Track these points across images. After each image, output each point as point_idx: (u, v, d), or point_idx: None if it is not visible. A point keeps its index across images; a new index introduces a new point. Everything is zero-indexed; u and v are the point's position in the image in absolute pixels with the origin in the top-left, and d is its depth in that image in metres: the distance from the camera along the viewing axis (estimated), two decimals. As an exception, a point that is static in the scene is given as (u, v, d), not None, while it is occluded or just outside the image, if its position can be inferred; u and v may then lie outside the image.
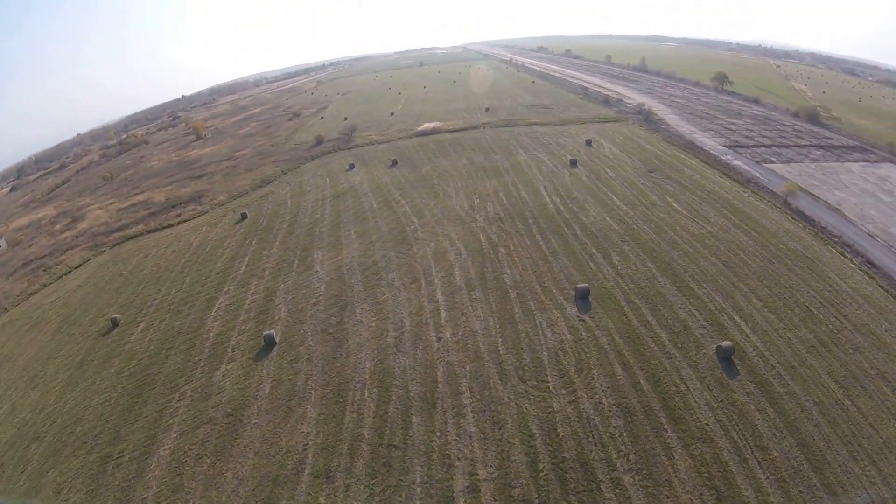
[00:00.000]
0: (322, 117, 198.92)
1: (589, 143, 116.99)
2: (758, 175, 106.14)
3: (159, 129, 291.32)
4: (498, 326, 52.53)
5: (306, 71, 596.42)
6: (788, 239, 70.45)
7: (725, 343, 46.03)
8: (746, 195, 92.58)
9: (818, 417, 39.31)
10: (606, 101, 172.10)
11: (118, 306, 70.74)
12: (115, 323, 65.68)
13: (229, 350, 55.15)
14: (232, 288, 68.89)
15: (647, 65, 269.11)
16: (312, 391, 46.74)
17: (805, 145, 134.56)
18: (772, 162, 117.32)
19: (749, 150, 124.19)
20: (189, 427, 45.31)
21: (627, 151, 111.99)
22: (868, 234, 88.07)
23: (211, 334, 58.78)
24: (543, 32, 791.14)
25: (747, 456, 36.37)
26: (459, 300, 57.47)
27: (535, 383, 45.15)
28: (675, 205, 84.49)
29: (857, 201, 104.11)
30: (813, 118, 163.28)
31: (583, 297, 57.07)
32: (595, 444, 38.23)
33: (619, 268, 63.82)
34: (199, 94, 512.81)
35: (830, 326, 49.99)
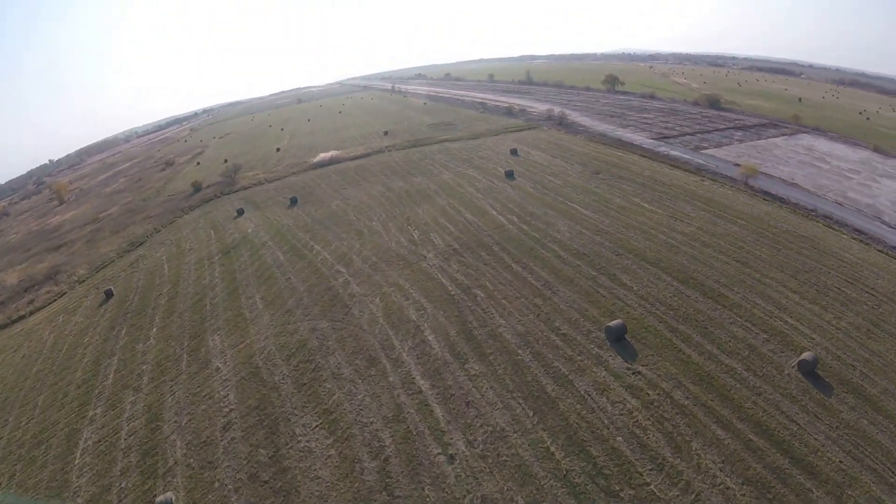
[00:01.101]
0: (198, 163, 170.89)
1: (514, 152, 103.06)
2: (703, 162, 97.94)
3: (23, 199, 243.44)
4: (530, 413, 33.81)
5: (179, 121, 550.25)
6: (775, 221, 65.64)
7: (805, 356, 37.71)
8: (707, 183, 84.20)
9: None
10: (510, 112, 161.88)
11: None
12: None
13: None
14: (99, 412, 43.97)
15: (533, 78, 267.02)
16: None
17: (723, 128, 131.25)
18: (706, 148, 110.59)
19: (677, 140, 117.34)
20: None
21: (560, 156, 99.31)
22: (836, 203, 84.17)
23: (79, 502, 34.75)
24: (415, 63, 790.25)
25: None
26: (453, 381, 37.76)
27: (632, 492, 27.68)
28: (645, 204, 72.39)
29: (803, 173, 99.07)
30: (714, 103, 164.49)
31: (618, 339, 40.98)
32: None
33: (635, 289, 48.47)
34: (68, 156, 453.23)
35: (868, 304, 45.93)
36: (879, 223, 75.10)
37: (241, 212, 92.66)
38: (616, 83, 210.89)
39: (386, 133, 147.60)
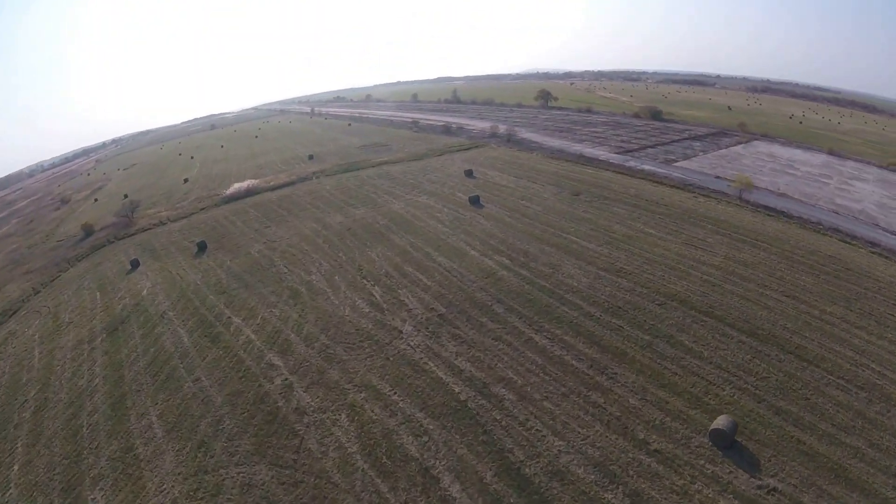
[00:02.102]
0: (96, 199, 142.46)
1: (469, 173, 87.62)
2: (682, 176, 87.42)
3: None
4: None
5: (87, 152, 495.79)
6: (794, 240, 58.48)
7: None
8: (702, 200, 74.59)
9: None
10: (448, 130, 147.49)
11: None
12: None
13: None
14: None
15: (460, 96, 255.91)
16: None
17: (679, 139, 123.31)
18: (675, 161, 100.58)
19: (641, 153, 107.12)
20: None
21: (525, 176, 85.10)
22: (832, 211, 77.23)
23: None
24: (331, 87, 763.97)
25: None
26: None
27: None
28: (651, 230, 59.95)
29: (784, 182, 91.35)
30: (656, 115, 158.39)
31: (729, 445, 27.52)
32: None
33: (706, 355, 35.38)
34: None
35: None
36: (881, 231, 69.38)
37: (135, 264, 70.33)
38: (549, 98, 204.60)
39: (311, 157, 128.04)
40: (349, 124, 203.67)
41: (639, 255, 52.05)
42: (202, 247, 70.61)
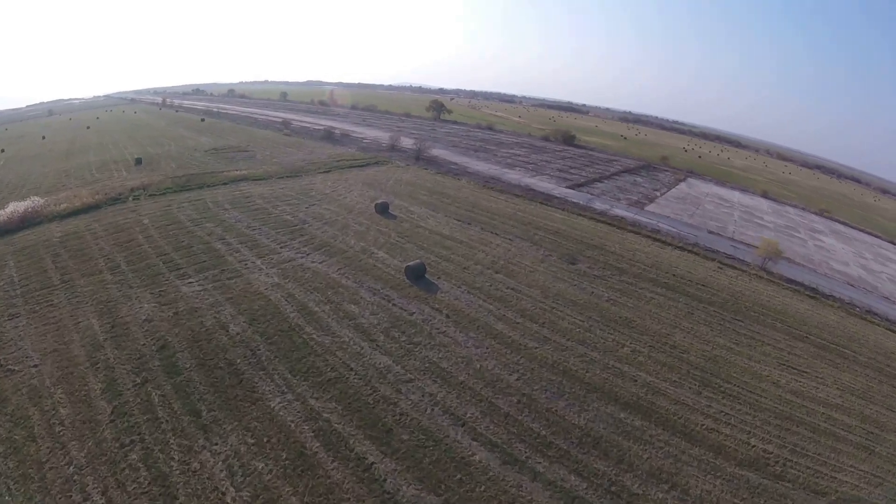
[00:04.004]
0: None
1: (383, 210, 55.62)
2: (670, 228, 65.43)
3: None
4: None
5: None
6: (856, 336, 41.92)
7: None
8: (735, 275, 53.00)
9: None
10: (330, 137, 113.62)
11: None
12: None
13: None
14: None
15: (337, 100, 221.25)
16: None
17: (617, 172, 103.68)
18: (643, 204, 78.44)
19: (593, 188, 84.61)
20: None
21: (475, 221, 56.20)
22: (848, 284, 60.93)
23: None
24: (193, 80, 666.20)
25: None
26: None
27: None
28: (721, 338, 36.42)
29: (793, 246, 72.17)
30: (568, 140, 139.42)
31: None
32: None
33: None
34: None
35: None
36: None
37: None
38: (443, 111, 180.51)
39: (138, 161, 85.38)
40: (202, 119, 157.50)
41: (748, 402, 26.81)
42: None
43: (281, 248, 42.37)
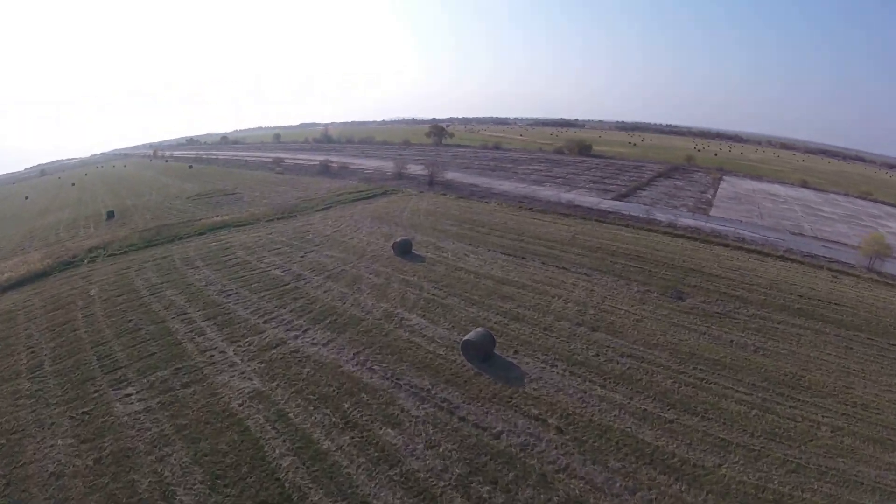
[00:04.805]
0: None
1: (404, 250, 44.13)
2: (747, 234, 54.65)
3: None
4: None
5: None
6: None
7: None
8: (853, 283, 41.79)
9: None
10: (326, 170, 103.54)
11: None
12: None
13: None
14: None
15: (332, 136, 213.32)
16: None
17: (651, 178, 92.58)
18: (704, 209, 67.27)
19: (638, 198, 73.51)
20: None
21: (529, 253, 44.49)
22: None
23: None
24: (187, 133, 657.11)
25: None
26: None
27: None
28: (871, 365, 25.36)
29: (853, 233, 60.61)
30: (584, 151, 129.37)
31: None
32: None
33: None
34: None
35: None
36: None
37: None
38: (444, 135, 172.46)
39: (110, 215, 74.23)
40: (190, 166, 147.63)
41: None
42: None
43: (265, 322, 29.75)
